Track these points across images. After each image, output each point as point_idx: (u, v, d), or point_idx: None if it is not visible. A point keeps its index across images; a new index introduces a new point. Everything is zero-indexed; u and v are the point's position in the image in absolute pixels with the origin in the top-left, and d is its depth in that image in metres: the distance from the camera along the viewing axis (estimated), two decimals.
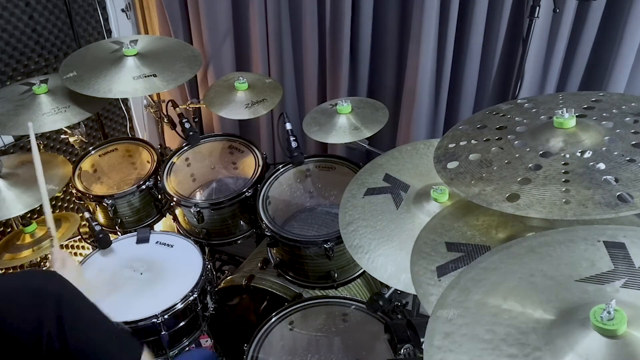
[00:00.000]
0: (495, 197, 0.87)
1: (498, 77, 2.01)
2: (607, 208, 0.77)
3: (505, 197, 0.86)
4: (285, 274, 1.75)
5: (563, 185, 0.83)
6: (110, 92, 1.76)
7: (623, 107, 0.97)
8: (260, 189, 1.81)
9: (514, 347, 0.64)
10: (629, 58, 1.76)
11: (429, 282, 0.94)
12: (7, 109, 1.78)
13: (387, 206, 1.29)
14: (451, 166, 0.99)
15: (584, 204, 0.79)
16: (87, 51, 1.97)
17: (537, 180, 0.86)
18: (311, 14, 2.15)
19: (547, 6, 1.58)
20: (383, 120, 1.75)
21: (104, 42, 2.01)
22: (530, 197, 0.84)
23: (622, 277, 0.69)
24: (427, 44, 1.94)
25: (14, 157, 1.85)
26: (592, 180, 0.82)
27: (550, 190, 0.84)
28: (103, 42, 2.02)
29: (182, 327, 1.60)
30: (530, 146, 0.94)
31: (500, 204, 0.85)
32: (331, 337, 1.53)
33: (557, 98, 1.08)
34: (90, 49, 1.99)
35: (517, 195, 0.85)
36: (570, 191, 0.82)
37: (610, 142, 0.89)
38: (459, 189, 0.93)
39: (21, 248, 1.84)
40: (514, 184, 0.87)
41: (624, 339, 0.60)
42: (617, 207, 0.77)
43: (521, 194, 0.85)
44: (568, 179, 0.84)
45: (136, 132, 2.75)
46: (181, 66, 1.89)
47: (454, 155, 1.02)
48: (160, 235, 1.81)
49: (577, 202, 0.80)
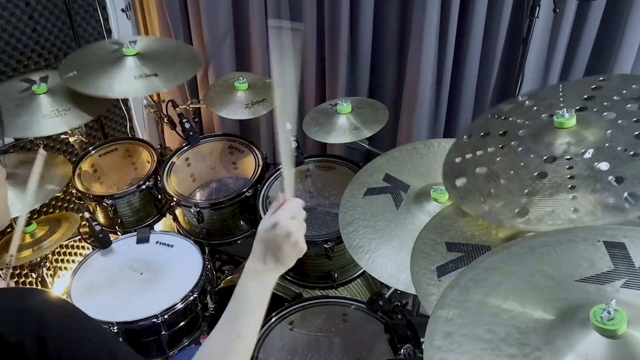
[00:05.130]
0: (506, 215, 0.87)
1: (498, 77, 2.01)
2: (616, 212, 0.77)
3: (515, 212, 0.86)
4: (285, 274, 1.74)
5: (570, 192, 0.83)
6: (111, 91, 1.76)
7: (624, 91, 0.97)
8: (260, 189, 1.81)
9: (514, 347, 0.64)
10: (629, 58, 1.76)
11: (429, 282, 0.95)
12: (7, 108, 1.76)
13: (387, 206, 1.29)
14: (460, 183, 1.00)
15: (593, 211, 0.79)
16: (87, 51, 1.97)
17: (544, 191, 0.86)
18: (310, 13, 2.15)
19: (547, 6, 1.58)
20: (383, 120, 1.75)
21: (104, 43, 2.01)
22: (539, 209, 0.84)
23: (622, 277, 0.69)
24: (427, 43, 1.93)
25: (14, 157, 1.85)
26: (598, 183, 0.82)
27: (558, 200, 0.84)
28: (102, 43, 2.02)
29: (182, 327, 1.60)
30: (534, 152, 0.94)
31: (511, 221, 0.86)
32: (331, 337, 1.53)
33: (558, 91, 1.07)
34: (90, 49, 1.98)
35: (527, 209, 0.86)
36: (578, 198, 0.82)
37: (612, 135, 0.89)
38: (469, 209, 0.94)
39: (21, 248, 1.83)
40: (522, 197, 0.88)
41: (624, 339, 0.60)
42: (625, 211, 0.77)
43: (530, 208, 0.85)
44: (574, 184, 0.84)
45: (136, 132, 2.74)
46: (181, 66, 1.88)
47: (461, 170, 1.02)
48: (160, 235, 1.81)
49: (585, 210, 0.80)
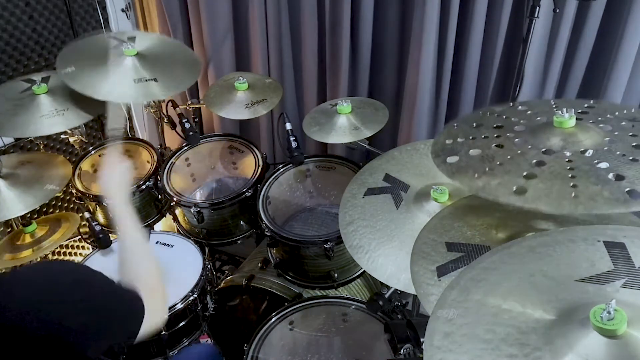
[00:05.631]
0: (502, 191, 0.83)
1: (498, 76, 2.01)
2: (617, 203, 0.75)
3: (512, 190, 0.82)
4: (285, 274, 1.75)
5: (570, 180, 0.81)
6: (110, 95, 1.74)
7: (616, 113, 0.97)
8: (260, 189, 1.81)
9: (514, 347, 0.64)
10: (629, 58, 1.76)
11: (429, 282, 0.94)
12: (6, 108, 1.75)
13: (387, 206, 1.29)
14: (451, 160, 0.96)
15: (594, 199, 0.77)
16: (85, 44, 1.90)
17: (543, 175, 0.83)
18: (311, 13, 2.15)
19: (547, 6, 1.58)
20: (383, 120, 1.75)
21: (102, 36, 1.98)
22: (537, 191, 0.81)
23: (622, 277, 0.69)
24: (427, 43, 1.93)
25: (14, 157, 1.85)
26: (599, 177, 0.80)
27: (557, 185, 0.81)
28: (101, 36, 1.99)
29: (182, 327, 1.60)
30: (531, 144, 0.92)
31: (507, 196, 0.82)
32: (331, 337, 1.53)
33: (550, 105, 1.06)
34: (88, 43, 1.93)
35: (524, 188, 0.82)
36: (579, 186, 0.79)
37: (610, 142, 0.88)
38: (462, 183, 0.90)
39: (21, 248, 1.84)
40: (520, 178, 0.84)
41: (624, 339, 0.60)
42: (628, 203, 0.75)
43: (528, 188, 0.82)
44: (574, 174, 0.82)
45: (136, 132, 2.74)
46: (181, 72, 1.86)
47: (452, 150, 0.97)
48: (160, 235, 1.82)
49: (586, 197, 0.77)
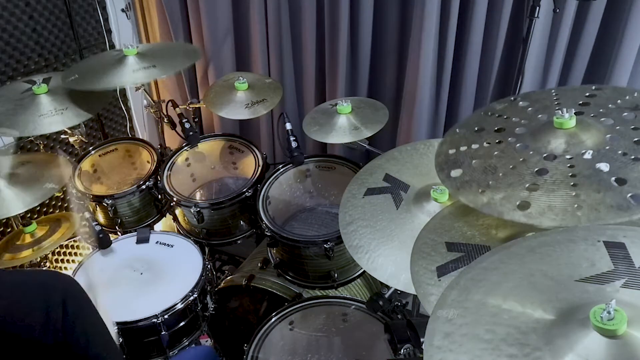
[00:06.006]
0: (506, 207, 0.84)
1: (498, 77, 2.01)
2: (620, 211, 0.76)
3: (516, 205, 0.83)
4: (285, 274, 1.75)
5: (572, 189, 0.81)
6: (108, 84, 1.76)
7: (618, 101, 0.96)
8: (260, 189, 1.81)
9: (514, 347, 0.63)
10: (629, 58, 1.76)
11: (429, 282, 0.94)
12: (7, 108, 1.77)
13: (387, 206, 1.29)
14: (455, 174, 0.97)
15: (596, 209, 0.77)
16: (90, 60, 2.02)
17: (545, 186, 0.84)
18: (311, 13, 2.15)
19: (547, 6, 1.58)
20: (383, 120, 1.75)
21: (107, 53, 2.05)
22: (541, 204, 0.82)
23: (622, 277, 0.69)
24: (427, 43, 1.93)
25: (14, 157, 1.85)
26: (601, 183, 0.80)
27: (560, 196, 0.82)
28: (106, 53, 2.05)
29: (182, 327, 1.60)
30: (533, 149, 0.92)
31: (511, 213, 0.83)
32: (331, 337, 1.53)
33: (551, 95, 1.06)
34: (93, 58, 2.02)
35: (528, 203, 0.83)
36: (581, 195, 0.80)
37: (612, 140, 0.88)
38: (467, 199, 0.91)
39: (21, 248, 1.84)
40: (523, 191, 0.85)
41: (624, 339, 0.60)
42: (630, 210, 0.75)
43: (531, 202, 0.83)
44: (576, 182, 0.82)
45: (136, 132, 2.75)
46: (179, 57, 1.90)
47: (456, 162, 0.99)
48: (160, 235, 1.82)
49: (588, 207, 0.78)
